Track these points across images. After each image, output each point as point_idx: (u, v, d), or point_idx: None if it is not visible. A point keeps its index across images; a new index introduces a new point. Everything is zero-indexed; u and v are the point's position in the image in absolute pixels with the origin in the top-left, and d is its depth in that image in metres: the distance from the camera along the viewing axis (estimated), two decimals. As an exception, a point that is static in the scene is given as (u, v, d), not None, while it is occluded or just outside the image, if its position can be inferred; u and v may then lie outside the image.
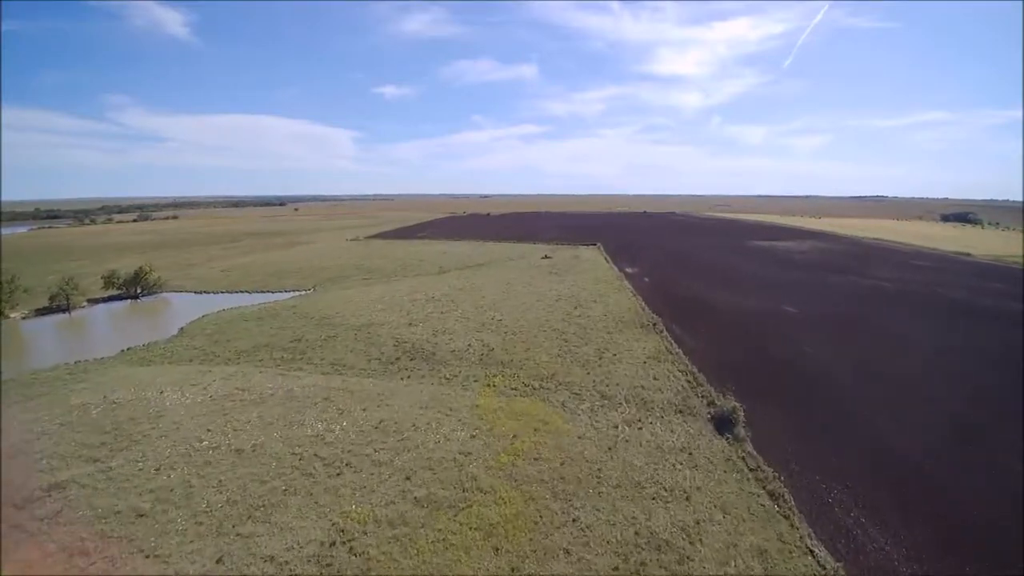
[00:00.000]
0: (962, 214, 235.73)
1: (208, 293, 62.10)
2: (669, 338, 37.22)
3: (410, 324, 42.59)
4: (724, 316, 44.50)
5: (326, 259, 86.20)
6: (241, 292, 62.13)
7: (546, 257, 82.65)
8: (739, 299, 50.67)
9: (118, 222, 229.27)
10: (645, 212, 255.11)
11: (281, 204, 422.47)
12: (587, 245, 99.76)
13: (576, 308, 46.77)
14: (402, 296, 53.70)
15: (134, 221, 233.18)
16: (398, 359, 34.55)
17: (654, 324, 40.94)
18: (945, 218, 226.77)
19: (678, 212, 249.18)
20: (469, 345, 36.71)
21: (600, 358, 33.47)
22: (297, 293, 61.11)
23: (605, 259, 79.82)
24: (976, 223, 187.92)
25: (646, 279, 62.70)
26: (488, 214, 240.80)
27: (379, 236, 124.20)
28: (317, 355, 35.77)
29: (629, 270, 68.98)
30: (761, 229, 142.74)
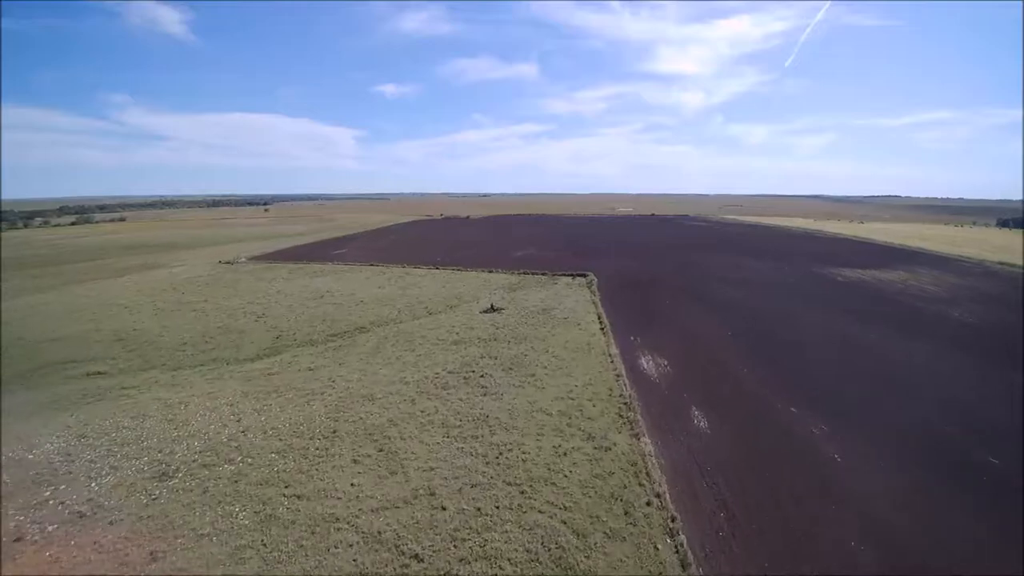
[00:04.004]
0: (1022, 219, 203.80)
1: None
2: None
3: None
4: None
5: (100, 313, 48.89)
6: None
7: (492, 309, 45.63)
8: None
9: (54, 226, 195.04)
10: (653, 214, 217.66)
11: (265, 203, 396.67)
12: (572, 275, 62.75)
13: None
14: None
15: (71, 224, 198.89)
16: None
17: None
18: (1003, 223, 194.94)
19: (692, 215, 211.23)
20: None
21: None
22: None
23: (597, 318, 42.72)
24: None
25: (701, 423, 24.42)
26: (467, 217, 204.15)
27: (278, 254, 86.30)
28: None
29: (645, 365, 31.79)
30: (814, 242, 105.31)
